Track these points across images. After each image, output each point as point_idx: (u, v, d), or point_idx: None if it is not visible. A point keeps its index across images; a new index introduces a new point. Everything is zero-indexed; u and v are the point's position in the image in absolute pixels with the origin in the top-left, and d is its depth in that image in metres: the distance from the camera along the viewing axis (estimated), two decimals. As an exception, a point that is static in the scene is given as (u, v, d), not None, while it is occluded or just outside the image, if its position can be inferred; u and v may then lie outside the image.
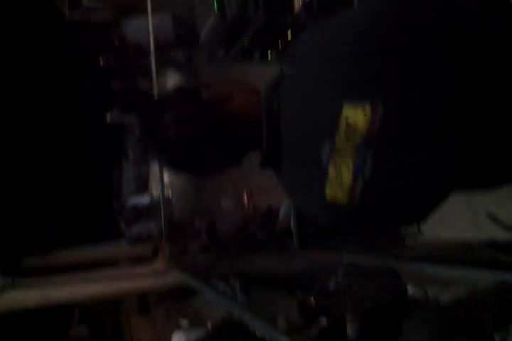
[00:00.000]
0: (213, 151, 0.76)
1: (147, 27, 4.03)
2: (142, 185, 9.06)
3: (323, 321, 2.53)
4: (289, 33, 2.82)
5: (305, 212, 0.90)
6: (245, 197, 4.63)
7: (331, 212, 0.73)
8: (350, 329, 2.14)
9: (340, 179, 0.67)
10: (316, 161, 0.68)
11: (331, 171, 0.67)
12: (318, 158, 0.67)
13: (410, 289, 1.96)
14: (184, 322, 4.29)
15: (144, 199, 8.16)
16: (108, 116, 5.26)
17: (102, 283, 2.37)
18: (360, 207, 0.68)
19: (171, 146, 0.76)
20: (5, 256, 2.21)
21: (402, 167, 0.64)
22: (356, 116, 0.62)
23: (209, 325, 3.09)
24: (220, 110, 0.75)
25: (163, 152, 0.79)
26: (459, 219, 2.86)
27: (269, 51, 3.10)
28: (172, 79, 6.48)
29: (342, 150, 0.65)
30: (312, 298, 2.51)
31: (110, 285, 2.36)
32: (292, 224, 2.88)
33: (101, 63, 5.68)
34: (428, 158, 0.62)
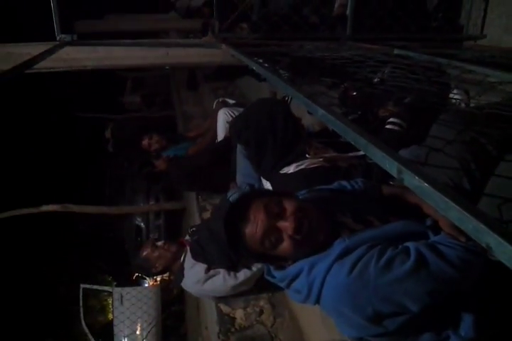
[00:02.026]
0: None
1: None
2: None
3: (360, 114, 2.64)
4: None
5: None
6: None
7: None
8: (385, 122, 2.25)
9: None
10: None
11: None
12: None
13: (453, 88, 1.96)
14: (230, 101, 4.52)
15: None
16: None
17: (154, 49, 2.44)
18: None
19: None
20: (62, 15, 2.23)
21: None
22: None
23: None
24: None
25: None
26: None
27: None
28: None
29: None
30: (354, 90, 2.56)
31: (162, 52, 2.44)
32: (348, 11, 2.72)
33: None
34: None
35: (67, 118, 7.49)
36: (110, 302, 5.45)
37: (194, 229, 2.77)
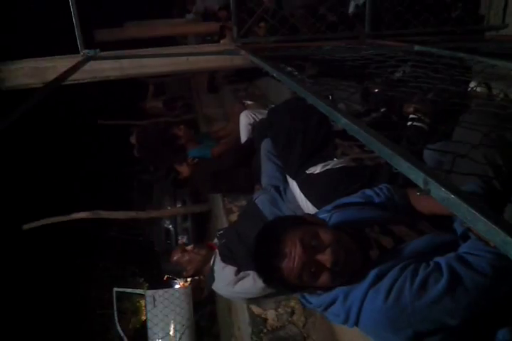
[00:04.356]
0: None
1: None
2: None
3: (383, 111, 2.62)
4: None
5: None
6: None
7: None
8: (409, 118, 2.23)
9: None
10: None
11: None
12: None
13: (475, 84, 1.94)
14: (249, 102, 4.54)
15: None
16: None
17: (174, 58, 2.47)
18: None
19: None
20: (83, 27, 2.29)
21: None
22: None
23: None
24: None
25: None
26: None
27: None
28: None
29: None
30: (376, 87, 2.54)
31: (181, 58, 2.48)
32: (367, 8, 2.70)
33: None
34: None
35: (92, 127, 7.62)
36: (143, 304, 5.55)
37: (222, 232, 2.80)
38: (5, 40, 6.92)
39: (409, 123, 2.20)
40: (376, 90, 2.58)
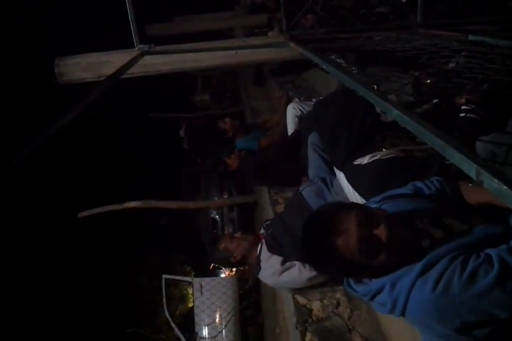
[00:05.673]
0: None
1: None
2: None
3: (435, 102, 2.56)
4: None
5: None
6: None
7: None
8: (462, 109, 2.18)
9: None
10: None
11: None
12: None
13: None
14: (298, 96, 4.54)
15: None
16: None
17: (223, 52, 2.52)
18: None
19: None
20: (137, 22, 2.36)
21: None
22: None
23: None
24: None
25: None
26: None
27: None
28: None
29: None
30: (428, 78, 2.49)
31: (230, 51, 2.51)
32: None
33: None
34: None
35: (143, 119, 7.82)
36: (190, 291, 5.68)
37: (268, 222, 2.84)
38: (62, 36, 7.20)
39: (461, 114, 2.15)
40: (428, 81, 2.53)
